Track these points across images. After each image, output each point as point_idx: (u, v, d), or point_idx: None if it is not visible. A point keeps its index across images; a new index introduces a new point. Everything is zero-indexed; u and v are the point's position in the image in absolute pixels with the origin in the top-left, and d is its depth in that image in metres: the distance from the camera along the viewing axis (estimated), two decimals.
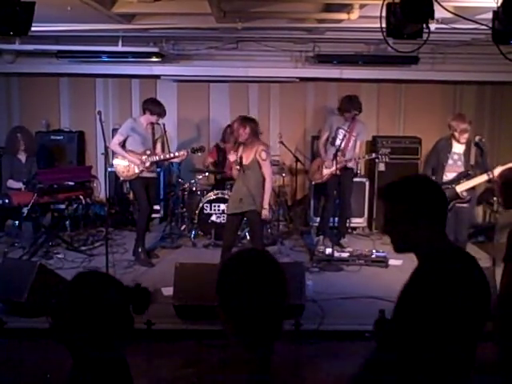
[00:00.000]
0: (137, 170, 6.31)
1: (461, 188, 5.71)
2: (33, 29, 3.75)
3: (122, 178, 6.66)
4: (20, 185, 6.77)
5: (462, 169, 5.83)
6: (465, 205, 5.76)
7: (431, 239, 1.99)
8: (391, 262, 6.47)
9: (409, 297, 1.90)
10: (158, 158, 6.45)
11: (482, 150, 5.79)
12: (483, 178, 5.65)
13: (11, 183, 6.85)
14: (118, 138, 6.37)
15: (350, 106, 6.75)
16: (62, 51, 7.46)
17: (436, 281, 1.84)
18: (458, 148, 5.86)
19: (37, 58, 7.80)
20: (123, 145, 6.46)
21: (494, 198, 6.10)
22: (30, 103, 8.40)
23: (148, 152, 6.36)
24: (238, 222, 5.78)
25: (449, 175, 5.86)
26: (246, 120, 5.57)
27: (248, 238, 6.61)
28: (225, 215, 7.10)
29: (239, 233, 6.42)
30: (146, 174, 6.41)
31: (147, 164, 6.34)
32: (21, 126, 7.46)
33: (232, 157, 5.53)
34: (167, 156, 6.58)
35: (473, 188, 5.78)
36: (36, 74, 8.13)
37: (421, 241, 2.01)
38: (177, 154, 6.50)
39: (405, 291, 1.94)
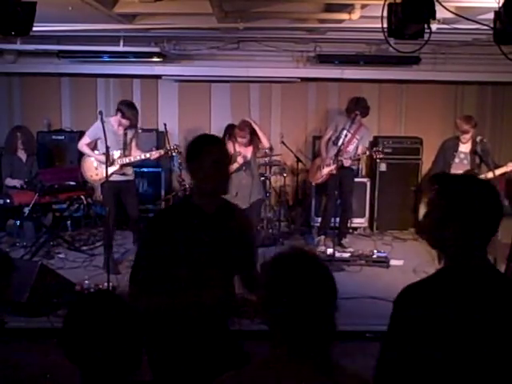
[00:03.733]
0: (105, 174, 5.89)
1: None
2: (34, 29, 3.75)
3: (89, 183, 6.44)
4: (17, 182, 6.77)
5: (467, 167, 6.05)
6: None
7: (463, 249, 1.81)
8: (392, 262, 6.47)
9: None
10: (128, 159, 6.03)
11: (480, 155, 6.01)
12: (486, 176, 5.82)
13: (9, 181, 6.86)
14: (85, 139, 6.09)
15: (355, 108, 6.75)
16: (63, 51, 7.47)
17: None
18: (464, 147, 6.10)
19: (38, 58, 7.80)
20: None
21: None
22: (31, 103, 8.40)
23: (118, 154, 6.00)
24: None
25: (455, 173, 6.01)
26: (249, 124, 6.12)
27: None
28: None
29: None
30: (116, 178, 5.96)
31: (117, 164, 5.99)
32: (20, 126, 7.47)
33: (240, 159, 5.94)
34: (140, 157, 6.14)
35: None
36: (37, 74, 8.13)
37: (452, 245, 1.83)
38: (148, 155, 6.11)
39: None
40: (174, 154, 6.45)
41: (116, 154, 5.98)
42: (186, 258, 2.48)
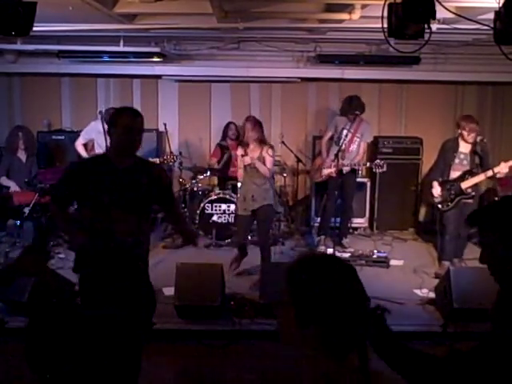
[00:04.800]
0: None
1: (465, 185, 5.98)
2: (34, 29, 3.74)
3: None
4: (13, 184, 6.77)
5: (467, 168, 6.06)
6: (469, 200, 6.02)
7: None
8: (392, 262, 6.48)
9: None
10: None
11: (480, 155, 6.00)
12: (486, 175, 5.90)
13: (3, 180, 6.86)
14: (80, 139, 6.33)
15: (350, 108, 6.77)
16: (63, 51, 7.46)
17: None
18: (464, 148, 6.08)
19: (38, 58, 7.81)
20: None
21: (496, 198, 6.20)
22: (31, 103, 8.40)
23: None
24: (250, 219, 5.89)
25: (455, 174, 6.09)
26: (257, 120, 5.86)
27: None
28: (226, 215, 7.13)
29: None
30: None
31: None
32: (22, 126, 7.47)
33: (239, 151, 5.76)
34: None
35: (476, 185, 6.02)
36: (37, 74, 8.14)
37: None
38: None
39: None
40: (170, 163, 6.48)
41: None
42: (92, 199, 3.15)
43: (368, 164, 6.89)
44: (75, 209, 3.43)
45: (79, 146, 6.33)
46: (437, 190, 6.06)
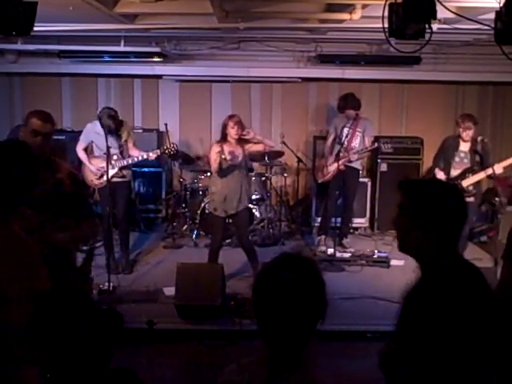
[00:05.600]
0: (105, 178, 5.88)
1: (466, 182, 5.97)
2: (35, 29, 3.74)
3: (91, 188, 6.39)
4: None
5: (468, 166, 6.03)
6: (470, 199, 5.95)
7: (434, 250, 1.93)
8: (393, 262, 6.47)
9: (412, 313, 1.86)
10: (125, 162, 6.05)
11: (480, 154, 5.98)
12: (486, 172, 5.89)
13: None
14: (80, 144, 6.14)
15: (345, 105, 6.83)
16: (64, 51, 7.47)
17: (440, 299, 1.80)
18: (464, 146, 6.07)
19: (39, 58, 7.81)
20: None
21: (496, 199, 6.20)
22: (32, 103, 8.37)
23: (115, 157, 5.97)
24: (225, 221, 5.76)
25: (455, 172, 6.07)
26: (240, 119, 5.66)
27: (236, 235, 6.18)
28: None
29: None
30: (114, 179, 5.98)
31: (113, 171, 5.95)
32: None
33: (216, 148, 5.42)
34: (138, 158, 6.14)
35: (477, 183, 6.01)
36: (38, 74, 8.14)
37: (422, 248, 1.95)
38: (145, 155, 6.11)
39: (408, 305, 1.90)
40: (171, 152, 6.43)
41: (113, 156, 5.98)
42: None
43: (376, 144, 6.96)
44: None
45: (80, 151, 6.20)
46: (441, 175, 6.03)
